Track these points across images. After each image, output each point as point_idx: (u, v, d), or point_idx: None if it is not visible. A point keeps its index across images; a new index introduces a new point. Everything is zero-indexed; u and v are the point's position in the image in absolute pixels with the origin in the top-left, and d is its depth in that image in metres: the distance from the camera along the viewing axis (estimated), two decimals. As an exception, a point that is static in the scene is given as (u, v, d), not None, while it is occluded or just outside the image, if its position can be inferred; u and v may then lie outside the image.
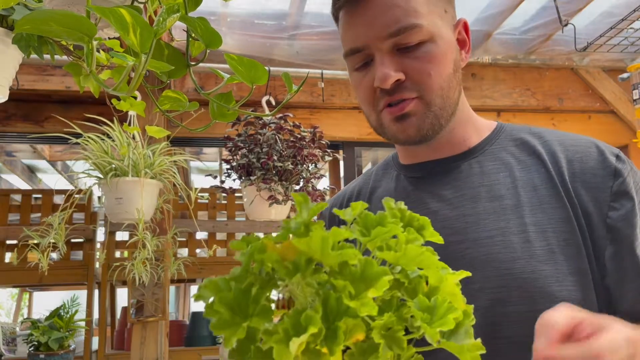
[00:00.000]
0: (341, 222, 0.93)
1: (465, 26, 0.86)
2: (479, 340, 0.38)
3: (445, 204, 0.81)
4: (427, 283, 0.40)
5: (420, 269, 0.40)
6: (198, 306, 6.49)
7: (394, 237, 0.40)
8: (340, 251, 0.35)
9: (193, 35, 0.74)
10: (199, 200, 3.30)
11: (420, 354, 0.38)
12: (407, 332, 0.37)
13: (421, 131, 0.80)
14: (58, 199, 3.48)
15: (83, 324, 3.16)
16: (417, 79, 0.78)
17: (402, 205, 0.44)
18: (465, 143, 0.86)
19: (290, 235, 0.38)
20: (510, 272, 0.73)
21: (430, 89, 0.79)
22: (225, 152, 2.31)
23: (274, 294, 0.39)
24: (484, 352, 0.37)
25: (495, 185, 0.80)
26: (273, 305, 0.38)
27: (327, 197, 2.21)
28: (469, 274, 0.43)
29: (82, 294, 3.49)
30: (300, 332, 0.33)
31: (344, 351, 0.35)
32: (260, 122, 2.11)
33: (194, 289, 6.81)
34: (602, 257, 0.74)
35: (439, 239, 0.44)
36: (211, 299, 0.36)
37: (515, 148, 0.84)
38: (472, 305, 0.40)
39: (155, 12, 0.77)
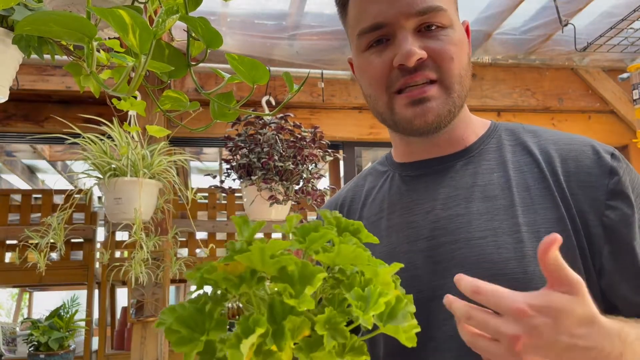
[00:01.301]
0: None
1: (468, 28, 0.86)
2: (414, 322, 0.42)
3: (439, 204, 0.81)
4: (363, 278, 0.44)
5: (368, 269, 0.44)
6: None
7: (331, 242, 0.44)
8: (277, 258, 0.39)
9: (193, 35, 0.74)
10: (198, 201, 3.30)
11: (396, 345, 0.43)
12: (352, 324, 0.41)
13: (439, 117, 0.78)
14: (58, 199, 3.48)
15: (83, 324, 3.16)
16: (439, 60, 0.76)
17: (336, 214, 0.48)
18: (463, 142, 0.86)
19: None
20: (502, 273, 0.72)
21: (451, 73, 0.77)
22: (225, 152, 2.31)
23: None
24: (418, 330, 0.42)
25: (489, 186, 0.80)
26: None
27: (327, 197, 2.21)
28: (401, 265, 0.45)
29: (82, 294, 3.49)
30: (249, 335, 0.36)
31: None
32: (260, 122, 2.11)
33: (194, 289, 6.81)
34: (599, 257, 0.73)
35: (374, 240, 0.48)
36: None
37: (510, 147, 0.84)
38: (412, 295, 0.44)
39: (155, 12, 0.77)
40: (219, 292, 0.41)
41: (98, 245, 3.62)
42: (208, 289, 0.43)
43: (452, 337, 0.72)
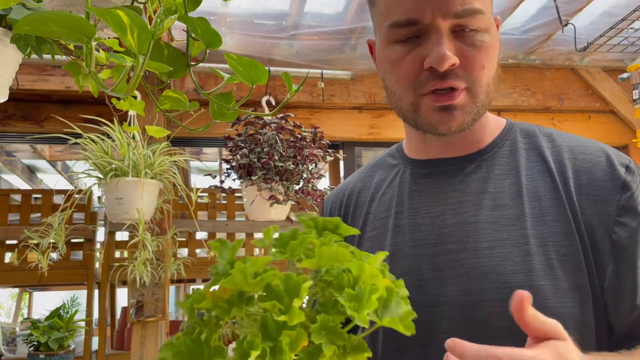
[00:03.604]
0: (346, 217, 0.91)
1: (498, 25, 0.82)
2: (409, 307, 0.41)
3: (448, 209, 0.79)
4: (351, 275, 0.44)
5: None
6: (198, 306, 6.49)
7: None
8: (260, 277, 0.39)
9: (193, 35, 0.74)
10: (198, 201, 3.30)
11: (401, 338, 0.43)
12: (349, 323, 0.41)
13: (463, 126, 0.76)
14: (58, 199, 3.48)
15: (83, 324, 3.16)
16: (471, 68, 0.73)
17: (313, 215, 0.48)
18: (479, 143, 0.83)
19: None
20: (507, 286, 0.70)
21: (479, 82, 0.74)
22: (225, 152, 2.31)
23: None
24: (414, 316, 0.41)
25: (500, 193, 0.78)
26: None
27: (327, 197, 2.21)
28: (386, 253, 0.44)
29: (82, 294, 3.49)
30: (246, 359, 0.36)
31: None
32: (260, 122, 2.11)
33: (194, 289, 6.82)
34: (604, 273, 0.72)
35: (354, 232, 0.48)
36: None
37: (524, 151, 0.81)
38: (402, 280, 0.43)
39: (155, 12, 0.77)
40: (212, 316, 0.42)
41: (98, 245, 3.62)
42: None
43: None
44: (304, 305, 0.41)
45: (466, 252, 0.75)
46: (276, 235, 0.45)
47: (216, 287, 0.41)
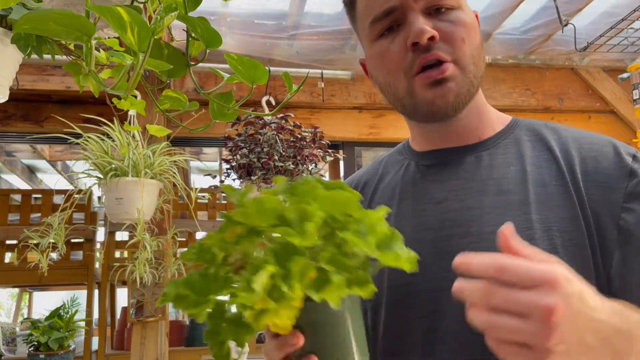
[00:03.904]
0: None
1: (477, 17, 0.86)
2: (413, 252, 0.42)
3: (451, 195, 0.80)
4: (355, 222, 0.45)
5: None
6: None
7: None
8: (275, 207, 0.40)
9: (193, 35, 0.74)
10: (198, 201, 3.30)
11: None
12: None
13: (459, 97, 0.78)
14: (58, 199, 3.48)
15: (83, 324, 3.16)
16: (451, 41, 0.77)
17: (318, 177, 0.49)
18: (478, 134, 0.84)
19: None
20: None
21: (464, 54, 0.77)
22: (225, 152, 2.31)
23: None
24: (417, 257, 0.42)
25: (504, 179, 0.78)
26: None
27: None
28: (387, 209, 0.45)
29: (82, 294, 3.49)
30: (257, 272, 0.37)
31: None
32: (260, 122, 2.11)
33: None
34: (611, 260, 0.71)
35: (357, 195, 0.47)
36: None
37: (529, 143, 0.82)
38: (399, 233, 0.44)
39: (155, 12, 0.77)
40: (218, 254, 0.42)
41: (98, 245, 3.62)
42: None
43: (458, 327, 0.70)
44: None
45: (470, 236, 0.75)
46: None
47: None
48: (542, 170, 0.78)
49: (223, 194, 2.21)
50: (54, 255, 3.04)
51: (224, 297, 0.40)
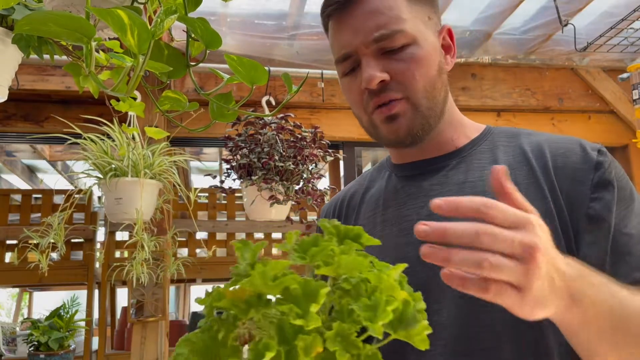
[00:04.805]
0: (339, 217, 0.96)
1: (450, 32, 0.90)
2: (425, 322, 0.42)
3: (431, 197, 0.83)
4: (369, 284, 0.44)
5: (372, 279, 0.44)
6: (198, 306, 6.50)
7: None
8: (279, 280, 0.39)
9: (193, 35, 0.74)
10: (198, 201, 3.30)
11: (395, 347, 0.43)
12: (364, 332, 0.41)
13: (411, 131, 0.84)
14: (58, 199, 3.48)
15: (83, 324, 3.16)
16: (402, 79, 0.82)
17: (335, 222, 0.48)
18: (453, 143, 0.90)
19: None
20: None
21: (415, 90, 0.82)
22: (225, 152, 2.31)
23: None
24: (430, 331, 0.41)
25: (480, 182, 0.83)
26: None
27: (327, 197, 2.21)
28: (405, 265, 0.45)
29: (82, 294, 3.49)
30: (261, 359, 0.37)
31: None
32: (260, 122, 2.11)
33: (194, 289, 6.83)
34: (583, 248, 0.76)
35: (375, 242, 0.48)
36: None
37: (503, 148, 0.87)
38: (419, 292, 0.43)
39: (155, 12, 0.77)
40: (230, 315, 0.42)
41: (98, 245, 3.62)
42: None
43: (443, 326, 0.75)
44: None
45: None
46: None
47: (236, 287, 0.41)
48: (515, 172, 0.82)
49: (223, 194, 2.20)
50: (54, 255, 3.04)
51: None
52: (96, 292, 3.50)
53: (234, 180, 2.16)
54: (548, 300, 0.55)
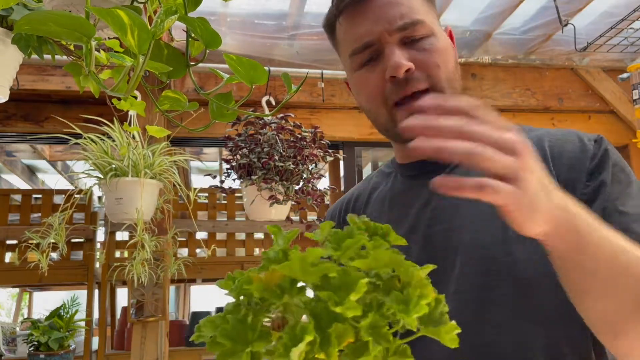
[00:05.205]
0: (345, 223, 0.97)
1: (450, 34, 0.91)
2: (453, 322, 0.42)
3: (434, 196, 0.86)
4: (399, 281, 0.44)
5: (394, 271, 0.44)
6: (198, 306, 6.50)
7: (363, 247, 0.44)
8: (318, 267, 0.39)
9: (193, 35, 0.74)
10: (198, 201, 3.30)
11: (410, 347, 0.43)
12: (391, 328, 0.41)
13: None
14: (58, 199, 3.48)
15: (83, 324, 3.16)
16: (426, 69, 0.81)
17: (365, 218, 0.48)
18: None
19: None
20: (489, 256, 0.77)
21: (439, 79, 0.82)
22: (225, 152, 2.31)
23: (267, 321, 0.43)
24: (459, 331, 0.42)
25: (480, 175, 0.83)
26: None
27: (327, 197, 2.21)
28: (434, 266, 0.45)
29: (82, 294, 3.49)
30: (297, 343, 0.36)
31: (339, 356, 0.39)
32: (260, 122, 2.11)
33: (194, 289, 6.82)
34: None
35: (402, 242, 0.48)
36: (211, 335, 0.40)
37: None
38: (444, 295, 0.44)
39: (155, 13, 0.77)
40: (261, 299, 0.42)
41: (98, 245, 3.62)
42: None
43: (451, 314, 0.74)
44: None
45: (453, 230, 0.82)
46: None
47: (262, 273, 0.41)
48: None
49: (223, 194, 2.21)
50: (54, 255, 3.04)
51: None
52: (96, 292, 3.50)
53: (233, 180, 2.16)
54: (543, 210, 0.56)
